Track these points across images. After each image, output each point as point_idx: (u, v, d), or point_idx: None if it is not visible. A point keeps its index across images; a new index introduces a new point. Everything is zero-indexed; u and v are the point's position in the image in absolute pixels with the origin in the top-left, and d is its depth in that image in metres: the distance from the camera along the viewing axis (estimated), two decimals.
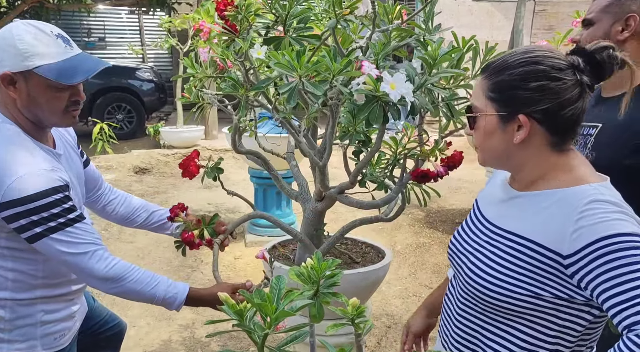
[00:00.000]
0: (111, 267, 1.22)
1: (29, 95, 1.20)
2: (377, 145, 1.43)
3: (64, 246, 1.18)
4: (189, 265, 3.35)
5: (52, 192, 1.16)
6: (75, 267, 1.20)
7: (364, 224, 1.69)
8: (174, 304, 1.31)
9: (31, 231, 1.15)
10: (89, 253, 1.20)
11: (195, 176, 1.60)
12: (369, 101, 1.25)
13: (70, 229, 1.18)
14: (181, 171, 1.59)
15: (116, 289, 1.24)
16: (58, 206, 1.17)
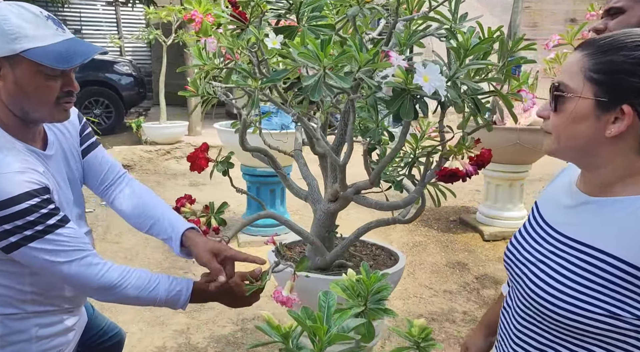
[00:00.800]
0: (104, 274, 1.10)
1: (15, 83, 1.05)
2: (401, 142, 1.34)
3: (47, 255, 1.04)
4: (180, 266, 3.22)
5: (25, 198, 1.02)
6: (64, 277, 1.07)
7: (380, 226, 1.60)
8: (178, 303, 1.18)
9: (5, 241, 1.02)
10: (76, 260, 1.07)
11: (204, 170, 1.50)
12: (397, 95, 1.16)
13: (51, 236, 1.05)
14: (189, 164, 1.49)
15: (113, 297, 1.12)
16: (34, 212, 1.03)
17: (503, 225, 3.68)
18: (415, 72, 1.15)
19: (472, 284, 3.05)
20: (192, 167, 1.48)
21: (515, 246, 0.94)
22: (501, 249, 3.53)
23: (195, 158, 1.47)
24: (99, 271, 1.09)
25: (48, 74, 1.06)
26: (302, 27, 1.38)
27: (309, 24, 1.37)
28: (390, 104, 1.15)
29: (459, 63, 1.21)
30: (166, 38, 6.27)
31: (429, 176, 1.43)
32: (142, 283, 1.13)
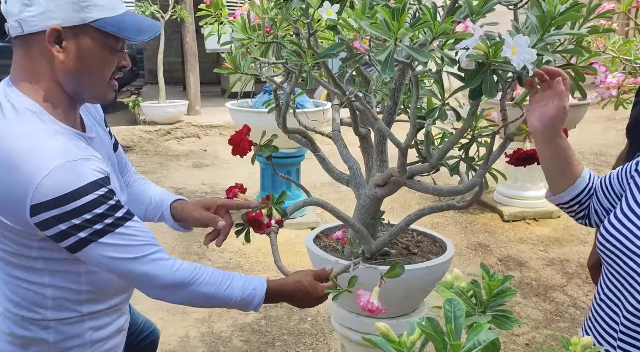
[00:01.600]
0: (177, 269, 1.00)
1: (79, 57, 0.96)
2: (468, 122, 1.22)
3: (115, 252, 0.94)
4: (194, 251, 3.11)
5: (93, 188, 0.92)
6: (131, 275, 0.97)
7: (434, 212, 1.49)
8: (252, 303, 1.09)
9: (74, 237, 0.91)
10: (147, 256, 0.97)
11: (246, 154, 1.38)
12: (477, 69, 1.04)
13: (121, 229, 0.95)
14: (231, 148, 1.36)
15: (184, 296, 1.01)
16: (103, 203, 0.93)
17: (522, 205, 3.60)
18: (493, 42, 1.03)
19: (495, 267, 2.98)
20: (235, 150, 1.35)
21: (623, 232, 0.83)
22: (521, 229, 3.47)
23: (239, 141, 1.34)
24: (172, 266, 0.99)
25: (112, 47, 0.98)
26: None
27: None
28: (470, 80, 1.03)
29: (542, 33, 1.09)
30: (163, 13, 6.03)
31: (494, 158, 1.31)
32: (216, 279, 1.03)
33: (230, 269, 2.91)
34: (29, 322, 1.01)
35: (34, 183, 0.88)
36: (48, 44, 0.93)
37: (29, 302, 1.00)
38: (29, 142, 0.90)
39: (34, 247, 0.95)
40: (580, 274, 2.90)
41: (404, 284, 1.48)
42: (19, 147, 0.89)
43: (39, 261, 0.96)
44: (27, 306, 1.00)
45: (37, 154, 0.90)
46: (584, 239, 3.34)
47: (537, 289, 2.73)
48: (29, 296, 1.00)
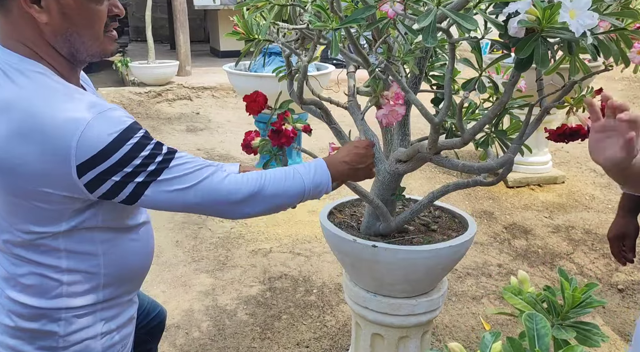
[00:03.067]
0: (247, 180, 0.95)
1: (63, 14, 0.86)
2: (508, 94, 1.11)
3: (180, 183, 0.89)
4: (193, 221, 3.02)
5: (133, 132, 0.85)
6: (204, 200, 0.91)
7: (459, 188, 1.41)
8: (322, 183, 1.03)
9: (131, 185, 0.86)
10: (211, 175, 0.92)
11: (260, 112, 1.28)
12: (528, 37, 0.92)
13: (174, 162, 0.89)
14: (245, 105, 1.26)
15: (263, 204, 0.97)
16: (146, 145, 0.87)
17: (527, 171, 3.54)
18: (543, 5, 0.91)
19: (502, 235, 2.94)
20: (249, 107, 1.26)
21: None
22: (526, 195, 3.42)
23: (254, 98, 1.24)
24: (240, 178, 0.94)
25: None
26: None
27: None
28: (520, 49, 0.92)
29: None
30: None
31: (529, 133, 1.22)
32: (281, 174, 0.99)
33: (231, 239, 2.85)
34: (38, 312, 0.93)
35: (72, 143, 0.80)
36: (25, 5, 0.83)
37: (42, 289, 0.93)
38: (51, 104, 0.82)
39: (64, 220, 0.88)
40: (586, 241, 2.87)
41: (425, 264, 1.42)
42: (42, 112, 0.81)
43: (62, 239, 0.89)
44: (39, 294, 0.93)
45: (64, 113, 0.81)
46: (588, 205, 3.30)
47: (543, 258, 2.70)
48: (43, 282, 0.92)
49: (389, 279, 1.43)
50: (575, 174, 3.77)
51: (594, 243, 2.84)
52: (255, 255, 2.68)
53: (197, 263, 2.59)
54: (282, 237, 2.86)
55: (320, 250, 2.73)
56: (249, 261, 2.63)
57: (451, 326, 2.16)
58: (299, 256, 2.69)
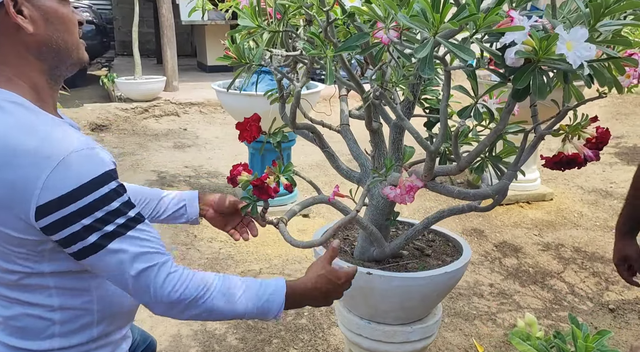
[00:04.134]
0: (187, 285, 0.86)
1: (47, 21, 0.85)
2: (504, 122, 1.11)
3: (126, 260, 0.82)
4: (181, 241, 2.97)
5: (104, 180, 0.80)
6: (139, 285, 0.84)
7: (454, 214, 1.39)
8: (270, 311, 0.95)
9: (81, 243, 0.79)
10: (155, 266, 0.84)
11: (255, 139, 1.26)
12: (526, 67, 0.92)
13: (133, 232, 0.82)
14: (239, 133, 1.24)
15: (193, 312, 0.88)
16: (114, 199, 0.81)
17: (516, 188, 3.55)
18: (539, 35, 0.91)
19: (492, 253, 2.94)
20: (242, 136, 1.23)
21: None
22: (515, 213, 3.43)
23: (247, 126, 1.22)
24: (180, 279, 0.86)
25: None
26: None
27: None
28: (518, 79, 0.91)
29: (593, 23, 0.97)
30: None
31: (524, 159, 1.21)
32: (228, 289, 0.90)
33: (220, 261, 2.79)
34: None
35: (39, 181, 0.75)
36: (12, 15, 0.80)
37: (33, 331, 0.88)
38: (26, 136, 0.77)
39: (45, 261, 0.83)
40: (576, 259, 2.88)
41: (420, 291, 1.39)
42: (15, 144, 0.76)
43: (50, 277, 0.84)
44: (31, 335, 0.88)
45: (38, 147, 0.77)
46: (577, 222, 3.32)
47: (534, 277, 2.70)
48: (34, 323, 0.88)
49: (384, 306, 1.40)
50: (563, 191, 3.79)
51: (584, 261, 2.85)
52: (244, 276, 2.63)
53: None
54: (272, 258, 2.82)
55: None
56: None
57: (444, 349, 2.13)
58: (289, 277, 2.65)
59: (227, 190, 3.68)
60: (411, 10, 0.90)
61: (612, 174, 4.12)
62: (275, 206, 3.15)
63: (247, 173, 1.20)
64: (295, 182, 1.21)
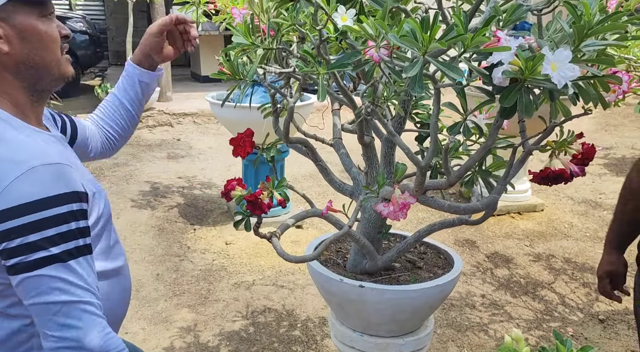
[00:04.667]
0: (108, 339, 0.83)
1: (23, 40, 0.85)
2: (492, 138, 1.13)
3: (54, 290, 0.78)
4: (174, 253, 2.97)
5: (72, 198, 0.80)
6: (57, 320, 0.79)
7: (445, 227, 1.42)
8: None
9: (18, 259, 0.77)
10: (81, 304, 0.80)
11: (248, 155, 1.28)
12: (513, 86, 0.95)
13: (73, 263, 0.80)
14: (232, 148, 1.27)
15: None
16: (71, 221, 0.80)
17: (507, 199, 3.59)
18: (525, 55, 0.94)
19: (484, 264, 2.96)
20: (236, 151, 1.26)
21: None
22: (506, 224, 3.46)
23: (240, 142, 1.25)
24: (101, 330, 0.82)
25: (44, 15, 0.88)
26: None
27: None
28: (505, 98, 0.94)
29: (578, 43, 1.00)
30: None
31: (513, 174, 1.24)
32: None
33: (213, 272, 2.79)
34: None
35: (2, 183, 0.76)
36: None
37: (11, 343, 0.87)
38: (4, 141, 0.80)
39: None
40: (566, 270, 2.91)
41: (412, 303, 1.41)
42: None
43: None
44: (9, 349, 0.87)
45: (10, 153, 0.78)
46: (567, 233, 3.35)
47: (526, 287, 2.72)
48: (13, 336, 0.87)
49: (376, 318, 1.41)
50: (554, 201, 3.83)
51: (574, 272, 2.87)
52: (237, 288, 2.64)
53: (178, 297, 2.53)
54: (265, 269, 2.83)
55: (304, 282, 2.70)
56: (232, 294, 2.58)
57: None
58: (282, 288, 2.65)
59: (221, 201, 3.68)
60: (401, 29, 0.92)
61: (601, 185, 4.17)
62: (269, 217, 3.16)
63: (241, 188, 1.22)
64: (288, 198, 1.22)
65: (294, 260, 1.22)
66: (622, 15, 0.99)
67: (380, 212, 1.13)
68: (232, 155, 1.30)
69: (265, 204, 1.18)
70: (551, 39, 1.07)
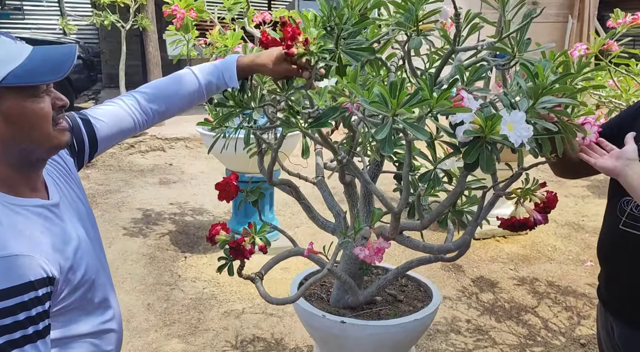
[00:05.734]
0: None
1: (9, 123, 0.85)
2: (461, 185, 1.21)
3: None
4: (165, 282, 3.01)
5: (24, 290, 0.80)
6: None
7: (422, 264, 1.49)
8: None
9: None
10: None
11: (233, 198, 1.36)
12: (474, 142, 1.03)
13: (28, 348, 0.81)
14: (218, 193, 1.34)
15: None
16: (19, 312, 0.80)
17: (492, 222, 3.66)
18: (485, 113, 1.03)
19: (470, 288, 3.03)
20: (221, 196, 1.34)
21: None
22: (492, 247, 3.54)
23: (225, 186, 1.32)
24: None
25: (35, 95, 0.86)
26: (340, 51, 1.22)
27: (346, 47, 1.22)
28: (467, 154, 1.02)
29: (534, 102, 1.09)
30: (124, 22, 5.83)
31: (483, 215, 1.32)
32: None
33: (203, 300, 2.84)
34: None
35: None
36: None
37: None
38: None
39: None
40: (550, 293, 2.98)
41: (393, 338, 1.48)
42: None
43: None
44: None
45: None
46: (551, 256, 3.44)
47: (510, 312, 2.78)
48: None
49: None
50: None
51: (557, 296, 2.95)
52: (227, 317, 2.68)
53: (168, 327, 2.57)
54: (255, 297, 2.87)
55: (293, 309, 2.75)
56: (221, 323, 2.63)
57: None
58: (271, 316, 2.70)
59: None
60: (371, 93, 1.01)
61: (584, 207, 4.27)
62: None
63: (225, 232, 1.29)
64: (269, 243, 1.29)
65: (275, 302, 1.29)
66: (572, 76, 1.08)
67: (357, 256, 1.20)
68: (218, 199, 1.37)
69: (247, 251, 1.25)
70: (512, 95, 1.16)
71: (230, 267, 1.32)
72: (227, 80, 1.19)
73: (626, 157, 1.18)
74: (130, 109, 1.16)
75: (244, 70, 1.19)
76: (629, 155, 1.18)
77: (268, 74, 1.19)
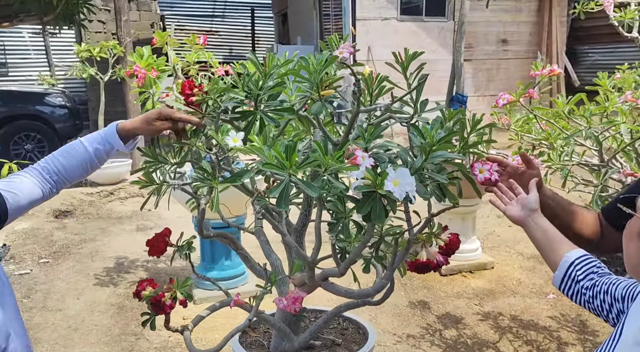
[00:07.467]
0: None
1: None
2: (369, 234, 1.30)
3: None
4: (131, 331, 3.03)
5: None
6: None
7: (350, 309, 1.56)
8: None
9: None
10: None
11: (163, 254, 1.44)
12: (367, 196, 1.13)
13: None
14: (148, 249, 1.43)
15: None
16: None
17: (459, 258, 3.74)
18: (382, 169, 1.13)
19: (434, 325, 3.07)
20: (151, 252, 1.42)
21: None
22: (458, 283, 3.59)
23: (155, 242, 1.41)
24: None
25: None
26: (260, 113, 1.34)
27: (268, 108, 1.34)
28: (361, 207, 1.12)
29: (425, 158, 1.20)
30: (102, 74, 6.02)
31: (398, 261, 1.40)
32: None
33: (168, 349, 2.85)
34: None
35: None
36: None
37: None
38: None
39: None
40: (512, 328, 3.03)
41: None
42: None
43: None
44: None
45: None
46: (515, 290, 3.50)
47: (472, 348, 2.82)
48: None
49: None
50: (504, 258, 4.00)
51: (519, 330, 3.00)
52: None
53: None
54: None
55: None
56: None
57: None
58: None
59: (184, 273, 3.77)
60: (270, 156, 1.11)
61: None
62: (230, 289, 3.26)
63: (151, 288, 1.36)
64: (191, 297, 1.37)
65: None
66: (455, 135, 1.20)
67: (278, 306, 1.27)
68: (148, 254, 1.45)
69: (168, 305, 1.32)
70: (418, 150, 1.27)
71: (152, 323, 1.39)
72: (114, 144, 1.35)
73: (529, 208, 1.25)
74: (38, 180, 1.28)
75: (127, 133, 1.35)
76: (531, 206, 1.25)
77: (144, 133, 1.36)
